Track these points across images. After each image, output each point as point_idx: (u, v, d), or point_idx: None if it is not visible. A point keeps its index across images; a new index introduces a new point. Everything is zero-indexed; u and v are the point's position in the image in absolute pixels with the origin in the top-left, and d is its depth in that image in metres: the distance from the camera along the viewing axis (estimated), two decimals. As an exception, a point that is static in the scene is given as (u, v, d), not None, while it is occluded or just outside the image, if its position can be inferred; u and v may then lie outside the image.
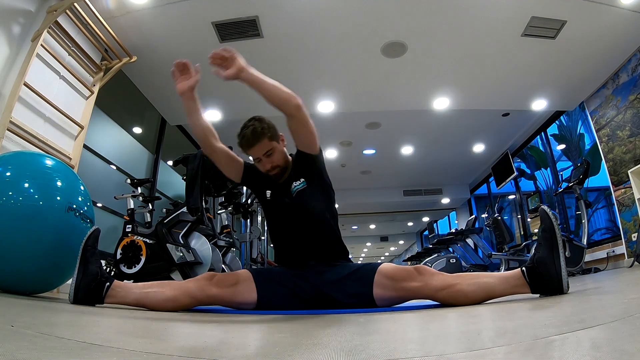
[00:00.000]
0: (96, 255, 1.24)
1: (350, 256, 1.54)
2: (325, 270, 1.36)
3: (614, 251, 4.02)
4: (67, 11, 2.71)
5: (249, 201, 4.87)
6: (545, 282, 1.09)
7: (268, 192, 1.50)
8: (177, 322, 0.97)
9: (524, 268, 1.13)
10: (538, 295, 1.12)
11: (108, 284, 1.20)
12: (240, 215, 4.79)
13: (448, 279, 1.21)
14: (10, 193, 1.35)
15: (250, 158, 1.49)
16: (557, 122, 5.46)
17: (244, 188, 4.95)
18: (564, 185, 4.04)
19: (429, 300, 1.26)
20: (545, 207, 1.16)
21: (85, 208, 1.56)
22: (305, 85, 4.30)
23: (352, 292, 1.30)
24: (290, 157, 1.53)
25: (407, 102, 4.71)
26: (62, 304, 1.22)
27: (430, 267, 1.31)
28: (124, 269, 2.61)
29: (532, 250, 1.17)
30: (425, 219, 11.00)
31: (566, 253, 3.52)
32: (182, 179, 3.19)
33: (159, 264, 2.59)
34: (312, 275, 1.35)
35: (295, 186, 1.46)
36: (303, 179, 1.47)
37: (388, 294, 1.27)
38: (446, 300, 1.21)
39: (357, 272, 1.33)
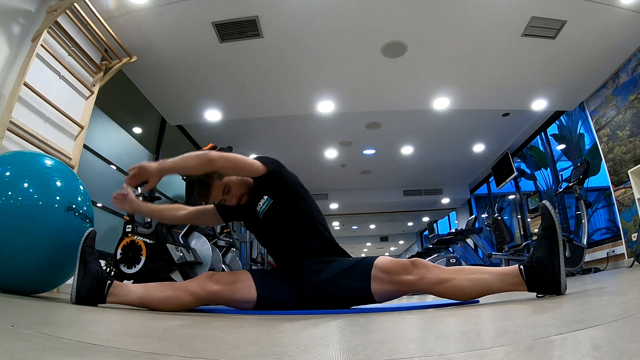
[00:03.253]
0: (95, 255, 1.25)
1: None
2: (321, 268, 1.36)
3: (614, 251, 4.02)
4: (67, 11, 2.71)
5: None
6: (542, 282, 1.08)
7: (244, 219, 1.58)
8: (177, 322, 0.97)
9: (521, 266, 1.12)
10: (535, 294, 1.12)
11: (109, 282, 1.21)
12: (240, 215, 4.78)
13: (444, 273, 1.21)
14: (9, 193, 1.35)
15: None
16: (557, 122, 5.46)
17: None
18: (564, 185, 4.05)
19: (426, 293, 1.26)
20: (547, 203, 1.14)
21: (85, 208, 1.55)
22: (305, 85, 4.31)
23: (350, 287, 1.29)
24: (250, 179, 1.49)
25: (407, 102, 4.72)
26: (62, 304, 1.22)
27: (424, 260, 1.30)
28: (124, 269, 2.61)
29: (532, 248, 1.16)
30: (425, 219, 11.00)
31: (566, 253, 3.52)
32: (182, 179, 3.19)
33: (159, 264, 2.60)
34: (309, 274, 1.36)
35: (260, 207, 1.46)
36: (266, 196, 1.46)
37: (385, 288, 1.27)
38: (442, 294, 1.21)
39: (353, 267, 1.32)
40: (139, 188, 1.32)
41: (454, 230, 6.09)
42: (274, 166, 1.46)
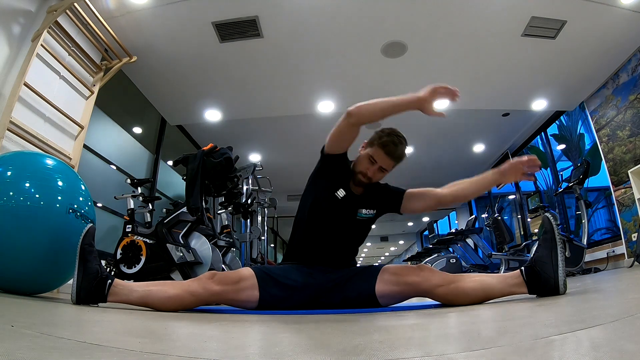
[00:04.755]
0: (94, 253, 1.24)
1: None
2: (332, 270, 1.40)
3: (614, 251, 4.02)
4: (67, 11, 2.71)
5: (249, 201, 4.87)
6: (542, 280, 1.09)
7: (342, 192, 1.46)
8: (177, 322, 0.97)
9: (523, 267, 1.15)
10: (535, 295, 1.13)
11: (110, 281, 1.20)
12: (240, 215, 4.78)
13: (448, 277, 1.24)
14: (11, 193, 1.35)
15: (369, 159, 1.45)
16: (557, 122, 5.46)
17: (244, 188, 4.95)
18: (564, 185, 4.04)
19: (428, 297, 1.27)
20: (548, 216, 1.18)
21: (86, 208, 1.56)
22: (305, 85, 4.31)
23: (355, 290, 1.32)
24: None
25: (407, 102, 4.70)
26: (62, 304, 1.22)
27: (430, 266, 1.34)
28: (124, 269, 2.60)
29: (533, 249, 1.18)
30: (425, 219, 11.00)
31: (566, 253, 3.52)
32: (182, 179, 3.19)
33: (159, 264, 2.59)
34: (318, 274, 1.38)
35: (364, 213, 1.48)
36: (374, 211, 1.50)
37: (390, 289, 1.29)
38: (445, 297, 1.22)
39: (361, 271, 1.37)
40: (139, 188, 1.31)
41: (454, 230, 6.10)
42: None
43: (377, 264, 1.44)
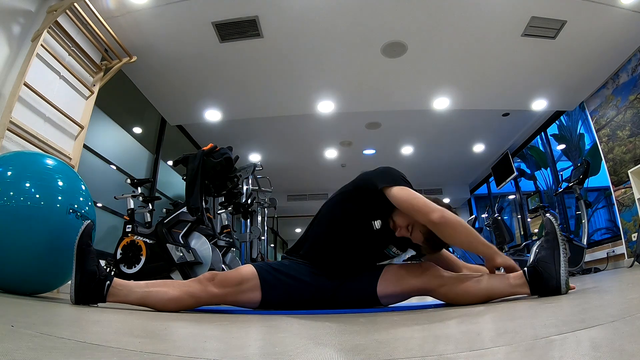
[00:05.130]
0: (92, 252, 1.22)
1: None
2: (333, 273, 1.39)
3: (614, 251, 4.02)
4: (67, 11, 2.71)
5: (249, 201, 4.87)
6: (544, 280, 1.09)
7: (378, 223, 1.36)
8: (177, 322, 0.97)
9: (525, 268, 1.15)
10: (537, 296, 1.13)
11: (108, 282, 1.19)
12: (240, 215, 4.79)
13: (451, 276, 1.24)
14: (11, 193, 1.35)
15: (407, 228, 1.33)
16: (557, 122, 5.46)
17: (244, 188, 4.95)
18: (564, 185, 4.04)
19: (430, 296, 1.27)
20: (550, 217, 1.19)
21: (87, 208, 1.55)
22: (305, 85, 4.31)
23: (357, 290, 1.32)
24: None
25: (407, 102, 4.71)
26: (62, 304, 1.22)
27: (433, 264, 1.33)
28: (124, 269, 2.61)
29: (533, 249, 1.19)
30: (425, 219, 10.98)
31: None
32: (182, 179, 3.19)
33: (159, 264, 2.59)
34: (325, 275, 1.36)
35: (394, 251, 1.44)
36: (400, 252, 1.46)
37: (391, 290, 1.28)
38: (447, 297, 1.22)
39: (363, 272, 1.36)
40: (139, 188, 1.31)
41: (454, 230, 6.08)
42: None
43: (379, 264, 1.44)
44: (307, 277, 1.33)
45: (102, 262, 2.90)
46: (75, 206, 1.49)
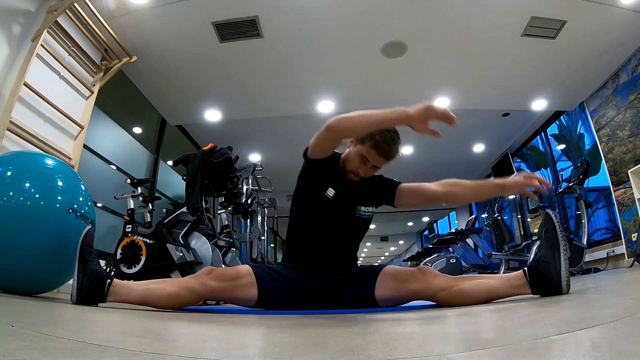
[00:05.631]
0: (94, 254, 1.24)
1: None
2: (331, 273, 1.38)
3: (614, 251, 4.02)
4: (67, 11, 2.71)
5: (249, 201, 4.87)
6: (545, 280, 1.09)
7: (331, 191, 1.41)
8: (177, 322, 0.97)
9: (525, 268, 1.14)
10: (538, 296, 1.12)
11: (109, 281, 1.20)
12: (240, 215, 4.79)
13: (450, 280, 1.22)
14: (11, 193, 1.35)
15: (360, 158, 1.39)
16: (557, 122, 5.46)
17: (244, 188, 4.95)
18: (564, 185, 4.04)
19: (431, 301, 1.26)
20: (550, 212, 1.18)
21: (86, 208, 1.56)
22: (305, 85, 4.31)
23: (354, 292, 1.31)
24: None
25: (407, 102, 4.67)
26: (62, 304, 1.22)
27: (431, 267, 1.32)
28: (124, 269, 2.60)
29: (533, 249, 1.18)
30: (425, 219, 11.00)
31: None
32: (182, 179, 3.19)
33: (159, 264, 2.59)
34: (317, 277, 1.36)
35: (364, 210, 1.46)
36: (372, 208, 1.48)
37: (390, 294, 1.27)
38: (447, 301, 1.21)
39: (360, 273, 1.35)
40: (139, 188, 1.32)
41: (454, 230, 6.10)
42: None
43: (376, 264, 1.42)
44: (297, 277, 1.35)
45: (102, 262, 2.90)
46: (75, 206, 1.49)
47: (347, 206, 1.43)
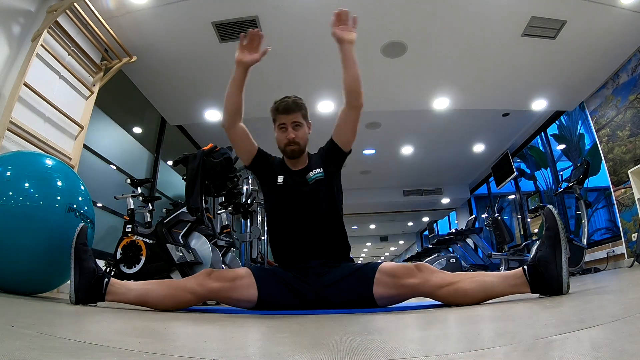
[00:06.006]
0: (89, 252, 1.23)
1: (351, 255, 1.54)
2: (325, 272, 1.36)
3: (614, 251, 4.02)
4: (67, 11, 2.71)
5: (249, 201, 4.87)
6: (545, 280, 1.08)
7: (280, 177, 1.50)
8: (177, 322, 0.97)
9: (525, 266, 1.13)
10: (538, 295, 1.12)
11: (106, 279, 1.20)
12: (240, 215, 4.78)
13: (448, 277, 1.21)
14: (10, 193, 1.35)
15: (279, 129, 1.53)
16: (557, 122, 5.46)
17: (244, 188, 4.95)
18: (564, 185, 4.04)
19: (428, 298, 1.26)
20: (550, 207, 1.16)
21: (86, 208, 1.56)
22: (305, 85, 4.30)
23: (352, 292, 1.30)
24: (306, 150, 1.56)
25: (407, 102, 4.71)
26: (62, 304, 1.22)
27: (429, 265, 1.30)
28: (124, 269, 2.60)
29: (533, 249, 1.17)
30: (425, 219, 11.00)
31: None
32: (182, 179, 3.19)
33: (159, 264, 2.59)
34: (312, 277, 1.35)
35: (314, 174, 1.49)
36: (321, 170, 1.50)
37: (388, 292, 1.27)
38: (445, 299, 1.21)
39: (357, 272, 1.33)
40: (139, 188, 1.32)
41: (454, 230, 6.10)
42: (350, 151, 1.53)
43: (372, 262, 1.40)
44: (293, 279, 1.35)
45: (102, 262, 2.90)
46: (74, 206, 1.49)
47: (299, 181, 1.49)
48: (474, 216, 6.80)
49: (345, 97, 1.48)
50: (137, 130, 4.72)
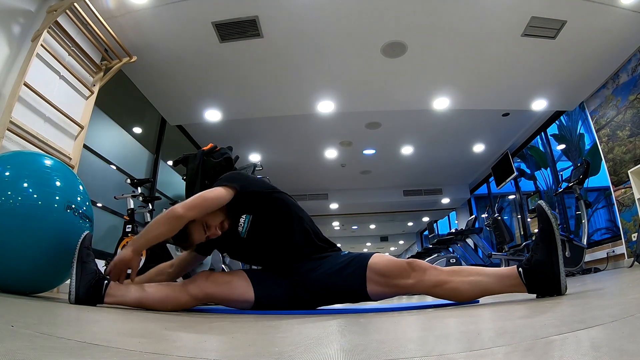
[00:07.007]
0: (92, 256, 1.25)
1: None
2: (312, 268, 1.34)
3: (614, 251, 4.02)
4: (67, 11, 2.71)
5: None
6: (542, 284, 1.08)
7: (221, 245, 1.53)
8: (177, 323, 0.97)
9: (520, 269, 1.11)
10: (535, 295, 1.12)
11: (106, 282, 1.20)
12: (240, 215, 4.78)
13: (442, 275, 1.19)
14: (9, 193, 1.34)
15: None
16: (557, 122, 5.46)
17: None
18: (564, 185, 4.04)
19: (423, 294, 1.26)
20: (542, 203, 1.13)
21: (85, 207, 1.55)
22: (305, 85, 4.31)
23: (345, 291, 1.29)
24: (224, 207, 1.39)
25: (407, 102, 4.72)
26: (61, 304, 1.22)
27: (421, 261, 1.27)
28: (124, 269, 2.60)
29: (530, 250, 1.15)
30: (425, 219, 11.00)
31: (566, 253, 3.51)
32: (182, 179, 3.19)
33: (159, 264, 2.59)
34: (301, 278, 1.34)
35: (242, 227, 1.39)
36: (244, 215, 1.40)
37: (382, 290, 1.26)
38: (441, 297, 1.21)
39: (347, 266, 1.29)
40: (138, 188, 1.32)
41: (454, 230, 6.09)
42: (239, 184, 1.37)
43: (361, 252, 1.34)
44: (284, 281, 1.37)
45: (102, 262, 2.90)
46: (73, 205, 1.48)
47: (238, 240, 1.41)
48: (474, 216, 6.80)
49: None
50: (137, 130, 4.73)
